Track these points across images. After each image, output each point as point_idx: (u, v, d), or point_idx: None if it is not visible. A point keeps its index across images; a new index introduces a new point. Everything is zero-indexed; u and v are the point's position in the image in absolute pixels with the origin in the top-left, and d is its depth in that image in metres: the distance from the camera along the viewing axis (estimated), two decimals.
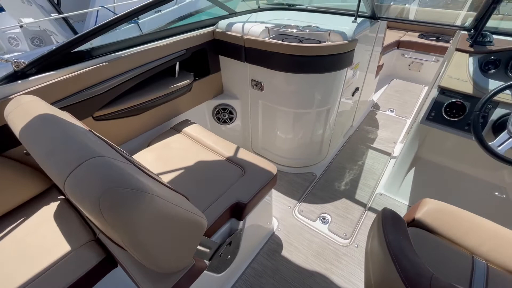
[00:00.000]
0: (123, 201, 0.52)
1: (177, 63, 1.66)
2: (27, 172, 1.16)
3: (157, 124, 1.70)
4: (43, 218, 1.11)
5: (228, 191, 1.20)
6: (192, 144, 1.50)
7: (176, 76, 1.71)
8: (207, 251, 1.01)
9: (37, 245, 1.00)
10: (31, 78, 1.11)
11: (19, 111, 0.87)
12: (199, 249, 0.96)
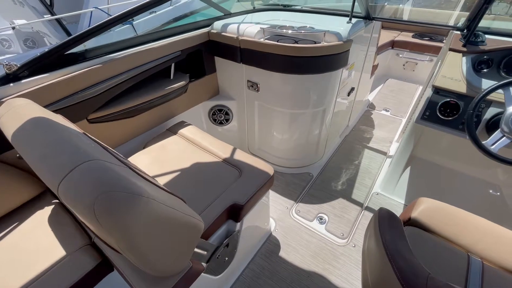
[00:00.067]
0: (118, 205, 0.51)
1: (172, 65, 1.66)
2: (21, 176, 1.14)
3: (153, 126, 1.68)
4: (37, 222, 1.10)
5: (224, 192, 1.19)
6: (188, 145, 1.49)
7: (171, 77, 1.70)
8: (204, 253, 1.01)
9: (31, 250, 0.99)
10: (23, 80, 1.09)
11: (11, 114, 0.86)
12: (196, 251, 0.96)
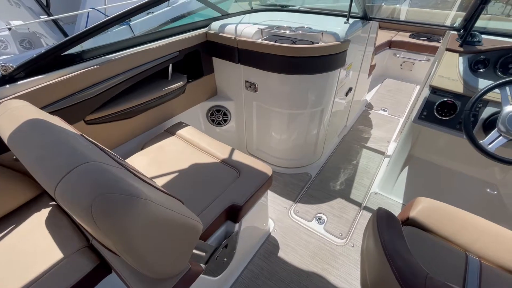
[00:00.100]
0: (115, 207, 0.51)
1: (170, 65, 1.65)
2: (17, 178, 1.13)
3: (151, 127, 1.68)
4: (34, 224, 1.09)
5: (223, 193, 1.19)
6: (186, 146, 1.49)
7: (169, 78, 1.69)
8: (203, 254, 1.00)
9: (29, 252, 0.98)
10: (19, 82, 1.08)
11: (8, 116, 0.85)
12: (194, 253, 0.95)
